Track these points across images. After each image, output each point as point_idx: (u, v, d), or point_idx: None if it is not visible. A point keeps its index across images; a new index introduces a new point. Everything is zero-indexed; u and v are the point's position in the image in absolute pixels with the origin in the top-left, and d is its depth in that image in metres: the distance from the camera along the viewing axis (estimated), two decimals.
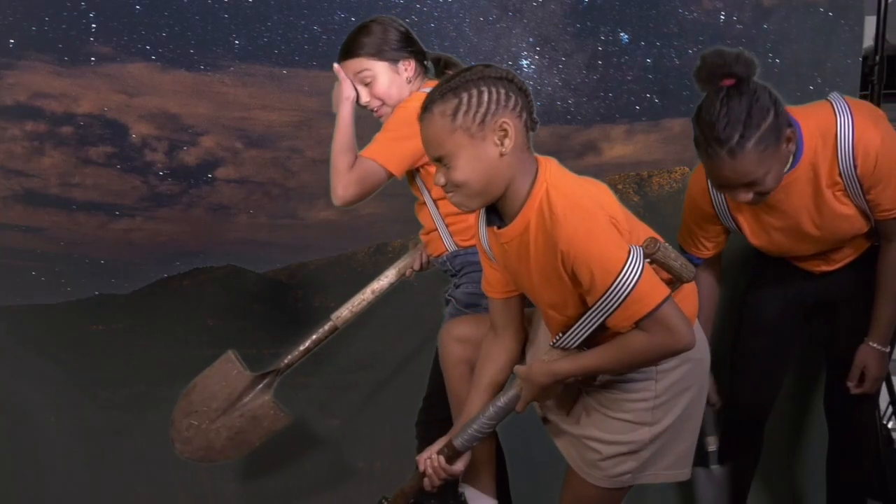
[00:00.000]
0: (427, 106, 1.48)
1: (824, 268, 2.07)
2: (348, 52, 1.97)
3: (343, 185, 1.89)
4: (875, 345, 2.00)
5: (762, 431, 2.27)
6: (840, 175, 1.84)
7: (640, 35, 2.68)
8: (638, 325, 1.45)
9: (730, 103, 1.66)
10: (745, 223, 1.99)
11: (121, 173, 2.70)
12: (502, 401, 1.61)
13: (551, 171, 1.50)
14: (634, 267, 1.41)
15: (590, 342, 1.54)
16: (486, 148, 1.45)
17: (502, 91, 1.46)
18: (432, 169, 1.79)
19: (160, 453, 2.67)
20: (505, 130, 1.44)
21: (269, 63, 2.67)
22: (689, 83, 2.59)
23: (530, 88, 1.54)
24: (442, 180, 1.48)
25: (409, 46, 1.98)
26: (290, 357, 2.16)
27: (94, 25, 2.64)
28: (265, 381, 2.15)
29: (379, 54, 1.95)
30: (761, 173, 1.70)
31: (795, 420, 2.56)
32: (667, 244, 1.52)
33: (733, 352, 2.22)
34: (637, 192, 2.74)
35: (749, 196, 1.76)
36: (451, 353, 1.83)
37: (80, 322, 2.75)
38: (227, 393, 2.13)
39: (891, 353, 2.12)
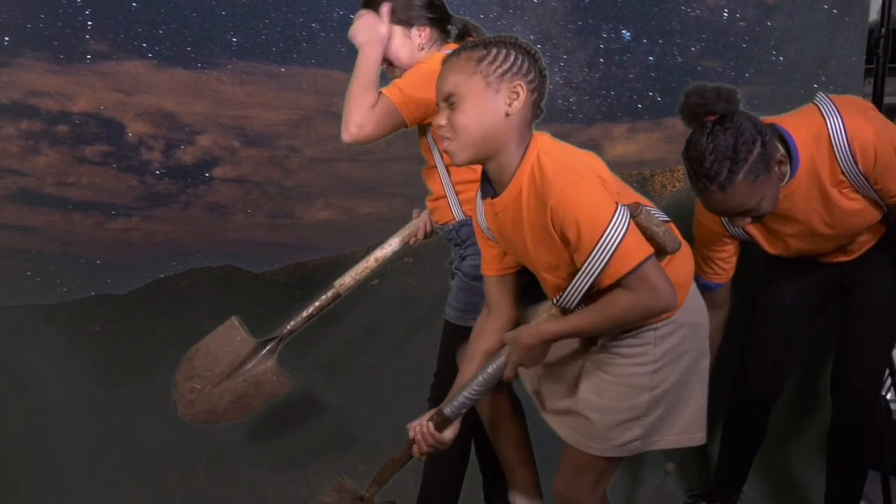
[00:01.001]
0: (456, 51, 1.55)
1: (843, 258, 2.09)
2: (368, 5, 1.96)
3: (358, 123, 1.84)
4: None
5: (769, 415, 2.30)
6: (843, 174, 1.86)
7: (643, 32, 2.67)
8: (622, 282, 1.48)
9: (715, 140, 1.69)
10: (760, 236, 2.03)
11: (117, 172, 2.68)
12: (491, 368, 1.63)
13: (542, 139, 1.57)
14: (620, 223, 1.46)
15: (587, 303, 1.58)
16: (496, 102, 1.50)
17: (527, 62, 1.53)
18: None
19: (157, 454, 2.70)
20: (517, 93, 1.51)
21: (266, 61, 2.65)
22: (691, 81, 2.59)
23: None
24: (443, 121, 1.52)
25: (429, 13, 1.96)
26: (292, 323, 2.17)
27: (89, 23, 2.60)
28: (268, 347, 2.16)
29: (394, 15, 1.94)
30: (755, 202, 1.73)
31: (797, 393, 2.58)
32: (651, 211, 1.55)
33: (747, 336, 2.24)
34: (639, 191, 2.67)
35: (747, 220, 1.80)
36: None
37: (75, 323, 2.72)
38: (231, 358, 2.14)
39: None
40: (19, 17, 2.59)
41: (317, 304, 2.17)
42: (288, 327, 2.18)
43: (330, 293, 2.17)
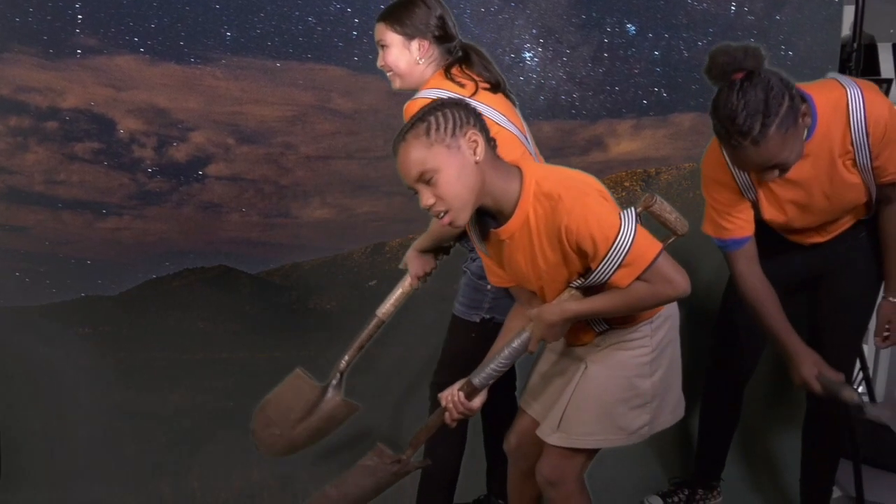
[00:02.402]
0: (399, 139, 1.61)
1: (817, 239, 2.14)
2: (381, 15, 2.04)
3: None
4: (894, 299, 2.10)
5: (742, 395, 2.41)
6: (852, 144, 1.91)
7: (648, 26, 2.63)
8: (639, 278, 1.59)
9: (746, 95, 1.73)
10: (763, 197, 2.04)
11: (108, 170, 2.64)
12: (516, 342, 1.73)
13: (535, 168, 1.67)
14: (628, 230, 1.57)
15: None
16: (463, 157, 1.59)
17: (461, 112, 1.62)
18: None
19: (149, 459, 2.65)
20: (475, 141, 1.60)
21: (262, 55, 2.61)
22: (698, 76, 2.54)
23: (533, 82, 1.74)
24: (430, 200, 1.59)
25: (433, 30, 2.01)
26: (347, 356, 2.24)
27: (80, 16, 2.56)
28: (333, 385, 2.26)
29: (397, 27, 2.00)
30: (785, 154, 1.78)
31: (774, 386, 2.65)
32: (662, 199, 1.68)
33: (719, 323, 2.35)
34: (645, 189, 2.69)
35: (775, 174, 1.84)
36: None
37: (65, 325, 2.68)
38: (303, 404, 2.26)
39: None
40: (7, 11, 2.54)
41: (364, 334, 2.22)
42: (344, 360, 2.24)
43: (373, 322, 2.22)
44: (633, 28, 2.64)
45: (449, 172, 1.57)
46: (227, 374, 2.70)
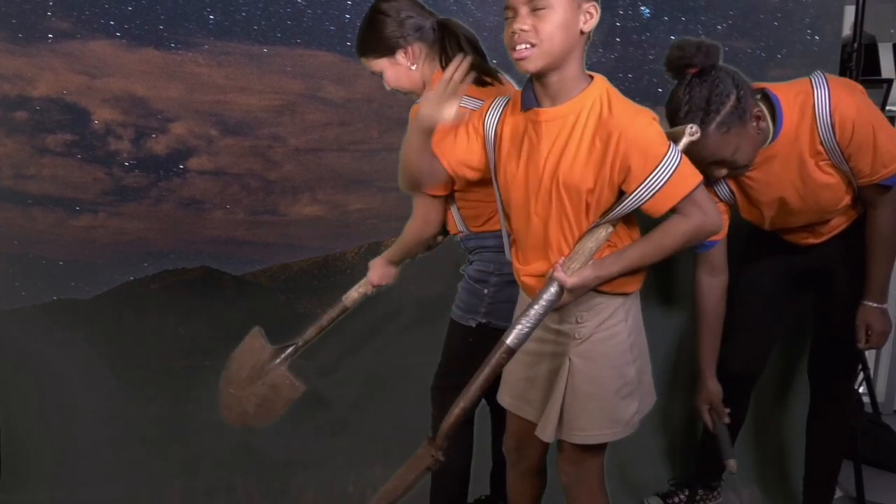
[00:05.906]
0: None
1: (812, 240, 2.22)
2: (357, 50, 2.09)
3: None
4: (873, 304, 2.18)
5: (749, 397, 2.47)
6: (821, 144, 1.99)
7: (663, 9, 2.56)
8: (676, 208, 1.65)
9: (692, 91, 1.86)
10: (738, 197, 2.15)
11: (81, 164, 2.55)
12: (545, 300, 1.71)
13: (607, 83, 1.71)
14: (675, 153, 1.64)
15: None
16: (576, 17, 1.63)
17: None
18: None
19: (127, 469, 2.61)
20: (591, 14, 1.65)
21: (247, 40, 2.53)
22: None
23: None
24: (526, 26, 1.60)
25: (406, 33, 2.04)
26: (305, 336, 2.33)
27: None
28: (283, 355, 2.34)
29: (376, 52, 2.05)
30: (729, 153, 1.89)
31: (780, 384, 2.70)
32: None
33: (727, 322, 2.37)
34: None
35: (723, 172, 1.95)
36: None
37: (36, 330, 2.60)
38: (253, 363, 2.35)
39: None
40: None
41: (326, 317, 2.31)
42: (301, 339, 2.33)
43: (338, 308, 2.30)
44: (648, 11, 2.56)
45: (560, 17, 1.60)
46: (210, 383, 2.59)
